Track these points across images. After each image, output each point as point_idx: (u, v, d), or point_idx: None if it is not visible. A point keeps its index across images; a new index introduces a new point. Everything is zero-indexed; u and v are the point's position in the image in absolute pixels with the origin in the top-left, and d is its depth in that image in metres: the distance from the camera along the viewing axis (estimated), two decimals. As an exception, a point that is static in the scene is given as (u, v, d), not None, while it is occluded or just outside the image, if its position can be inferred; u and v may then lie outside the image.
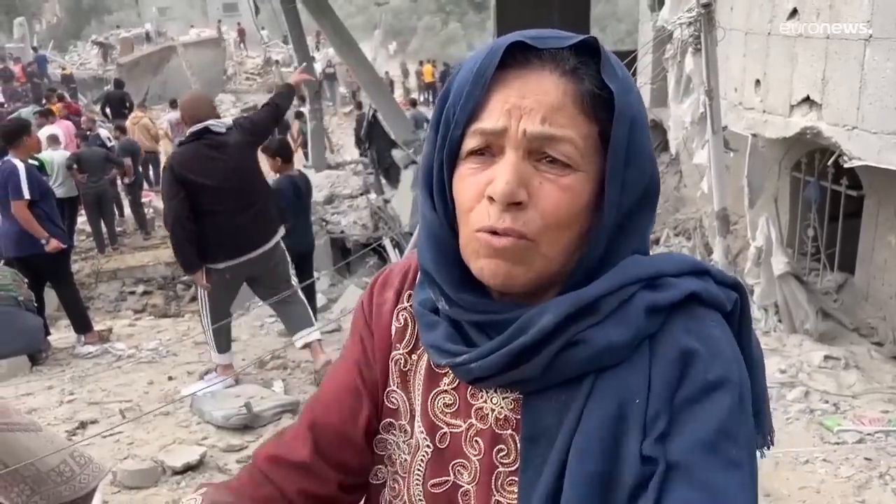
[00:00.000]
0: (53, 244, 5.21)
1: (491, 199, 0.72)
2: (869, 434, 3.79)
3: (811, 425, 3.94)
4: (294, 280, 4.90)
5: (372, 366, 0.91)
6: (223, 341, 4.59)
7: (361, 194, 9.77)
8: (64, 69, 24.72)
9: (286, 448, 0.92)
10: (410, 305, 0.89)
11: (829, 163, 5.23)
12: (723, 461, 0.68)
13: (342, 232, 8.96)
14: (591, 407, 0.72)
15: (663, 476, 0.68)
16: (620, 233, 0.76)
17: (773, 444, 0.87)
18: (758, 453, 0.78)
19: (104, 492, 3.29)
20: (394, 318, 0.90)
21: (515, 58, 0.74)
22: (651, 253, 0.81)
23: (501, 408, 0.80)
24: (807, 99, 5.18)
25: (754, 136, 5.60)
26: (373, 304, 0.93)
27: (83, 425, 4.10)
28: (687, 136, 5.33)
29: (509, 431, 0.79)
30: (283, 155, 5.79)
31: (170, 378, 4.89)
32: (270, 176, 5.56)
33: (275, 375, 4.93)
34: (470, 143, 0.75)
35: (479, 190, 0.74)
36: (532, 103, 0.72)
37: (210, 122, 4.21)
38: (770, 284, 5.13)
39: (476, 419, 0.81)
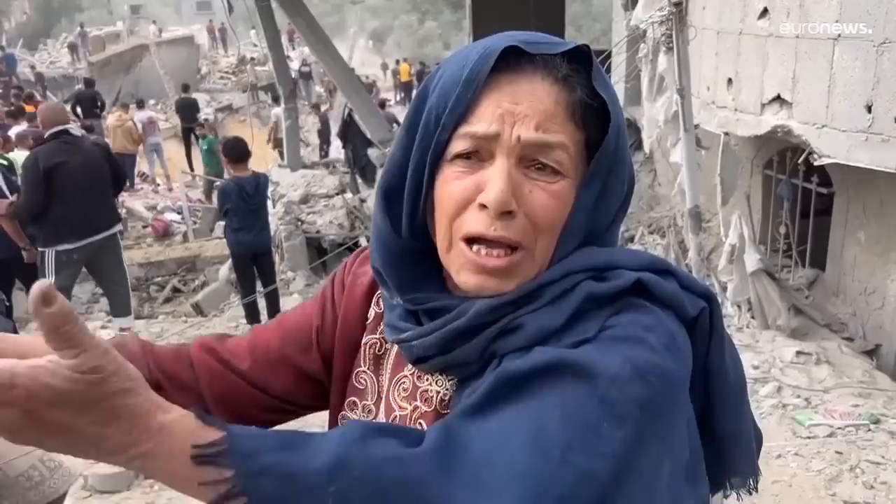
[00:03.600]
0: (30, 255, 5.10)
1: (482, 206, 0.71)
2: (840, 428, 3.85)
3: (784, 420, 3.99)
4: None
5: (327, 336, 0.93)
6: None
7: (337, 194, 9.71)
8: (33, 67, 24.32)
9: (227, 352, 0.93)
10: None
11: (800, 161, 5.29)
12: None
13: (318, 232, 8.90)
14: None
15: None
16: (599, 232, 0.76)
17: (754, 489, 0.83)
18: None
19: (75, 496, 3.25)
20: (373, 303, 0.90)
21: (507, 61, 0.72)
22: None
23: (447, 390, 0.79)
24: (778, 97, 5.25)
25: (726, 134, 5.66)
26: (346, 278, 0.94)
27: (54, 429, 4.03)
28: (661, 134, 5.37)
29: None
30: (229, 155, 5.70)
31: (143, 380, 4.83)
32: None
33: (250, 376, 4.89)
34: (457, 146, 0.73)
35: (466, 195, 0.73)
36: (526, 109, 0.71)
37: (68, 126, 5.08)
38: (743, 281, 5.19)
39: (421, 401, 0.81)
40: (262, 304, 6.14)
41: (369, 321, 0.90)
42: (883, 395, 4.27)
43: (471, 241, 0.73)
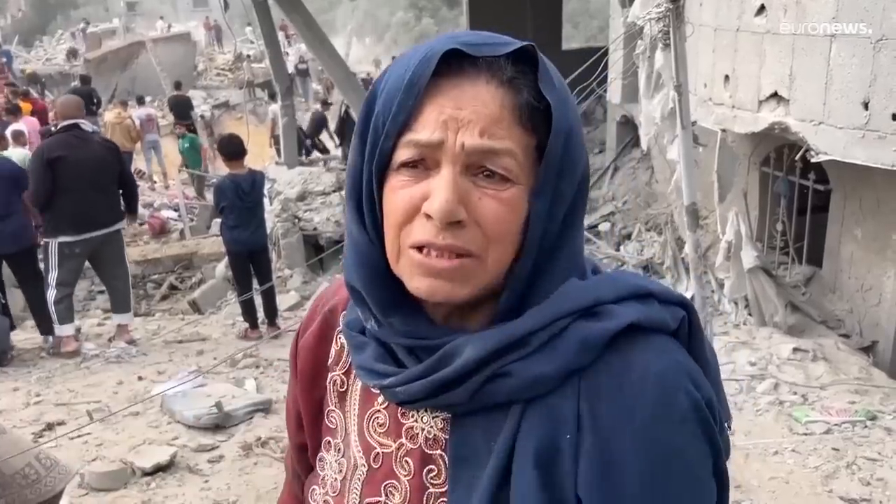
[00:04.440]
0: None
1: (429, 216, 0.69)
2: (836, 425, 3.86)
3: (780, 416, 4.00)
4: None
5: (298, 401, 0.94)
6: (67, 313, 5.27)
7: (334, 191, 9.70)
8: (24, 71, 24.13)
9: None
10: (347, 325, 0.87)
11: (797, 158, 5.29)
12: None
13: (315, 229, 8.89)
14: (524, 439, 0.71)
15: None
16: (552, 241, 0.74)
17: (729, 428, 0.86)
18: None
19: (72, 494, 3.24)
20: (332, 342, 0.89)
21: (450, 64, 0.70)
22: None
23: (431, 427, 0.77)
24: (775, 94, 5.25)
25: (723, 131, 5.66)
26: (299, 341, 0.93)
27: (50, 427, 4.02)
28: (658, 131, 5.37)
29: (439, 452, 0.77)
30: (224, 152, 5.68)
31: (139, 378, 4.82)
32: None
33: (246, 374, 4.88)
34: (402, 154, 0.71)
35: (413, 204, 0.70)
36: (470, 115, 0.68)
37: (80, 121, 5.17)
38: (740, 278, 5.20)
39: (406, 439, 0.79)
40: (258, 301, 6.13)
41: (330, 361, 0.89)
42: (879, 392, 4.28)
43: (419, 248, 0.71)
